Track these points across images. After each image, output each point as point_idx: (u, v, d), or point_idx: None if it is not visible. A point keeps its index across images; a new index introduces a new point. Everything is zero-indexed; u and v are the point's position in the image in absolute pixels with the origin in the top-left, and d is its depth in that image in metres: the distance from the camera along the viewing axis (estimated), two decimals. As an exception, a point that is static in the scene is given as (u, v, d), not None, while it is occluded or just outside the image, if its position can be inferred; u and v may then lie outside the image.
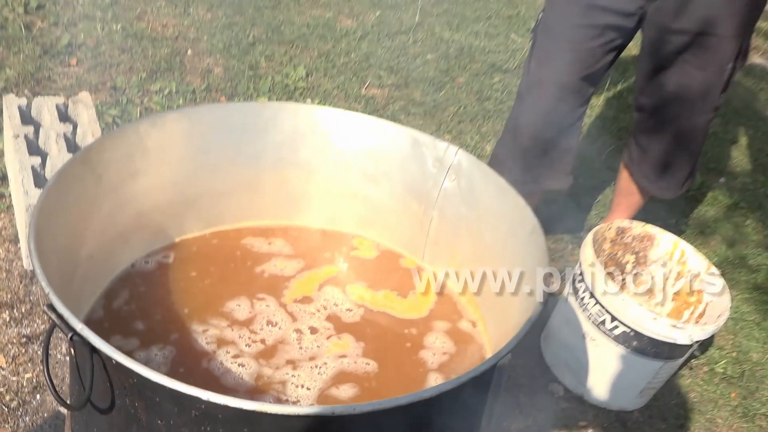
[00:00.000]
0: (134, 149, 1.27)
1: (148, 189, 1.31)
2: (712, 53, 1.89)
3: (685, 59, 1.91)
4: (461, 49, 3.32)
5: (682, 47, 1.89)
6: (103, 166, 1.22)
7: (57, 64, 2.67)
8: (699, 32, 1.85)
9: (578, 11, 1.90)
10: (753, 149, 3.17)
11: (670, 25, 1.87)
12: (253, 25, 3.15)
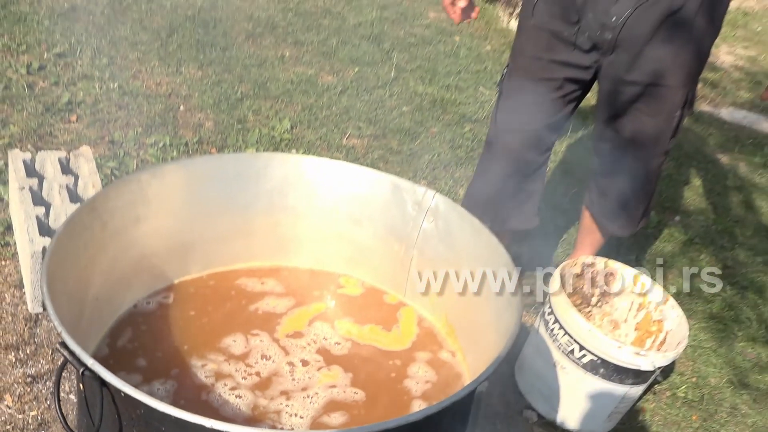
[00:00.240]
0: (136, 198, 1.29)
1: (149, 234, 1.33)
2: (661, 102, 1.94)
3: (638, 108, 1.96)
4: (434, 102, 3.37)
5: (634, 97, 1.94)
6: (108, 214, 1.24)
7: (58, 120, 2.68)
8: (649, 83, 1.91)
9: (540, 66, 1.96)
10: (704, 189, 3.22)
11: (623, 77, 1.92)
12: (240, 81, 3.18)
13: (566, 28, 1.89)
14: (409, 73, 3.54)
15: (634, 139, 2.00)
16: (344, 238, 1.49)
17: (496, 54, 3.90)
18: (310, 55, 3.50)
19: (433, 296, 1.43)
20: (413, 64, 3.62)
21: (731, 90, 4.38)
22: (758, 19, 5.59)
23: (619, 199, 2.15)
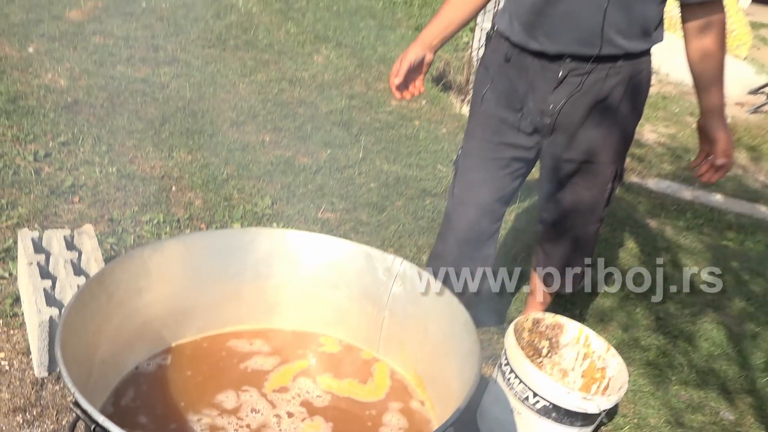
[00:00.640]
0: (139, 270, 1.31)
1: (150, 303, 1.35)
2: (595, 177, 2.01)
3: (575, 182, 2.02)
4: (398, 179, 3.43)
5: (572, 173, 2.01)
6: (114, 286, 1.26)
7: (62, 202, 2.68)
8: (584, 161, 1.98)
9: (490, 147, 2.02)
10: (636, 250, 3.30)
11: (561, 155, 1.99)
12: (226, 164, 3.22)
13: (511, 114, 1.96)
14: (376, 154, 3.61)
15: (573, 209, 2.06)
16: (323, 302, 1.51)
17: (450, 136, 3.99)
18: (288, 140, 3.56)
19: (403, 352, 1.45)
20: (379, 146, 3.69)
21: (656, 163, 4.52)
22: (676, 101, 5.81)
23: (563, 261, 2.20)
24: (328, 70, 4.34)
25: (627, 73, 1.88)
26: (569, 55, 1.84)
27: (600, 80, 1.87)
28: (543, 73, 1.88)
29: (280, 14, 4.85)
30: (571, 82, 1.87)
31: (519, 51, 1.90)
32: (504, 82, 1.95)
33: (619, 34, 1.81)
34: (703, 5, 1.82)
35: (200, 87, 3.81)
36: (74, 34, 3.98)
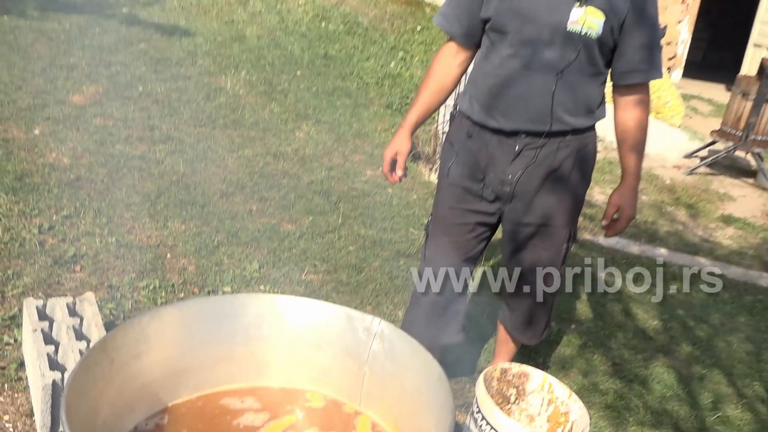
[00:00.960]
0: (139, 337, 1.31)
1: (148, 366, 1.34)
2: (551, 238, 2.06)
3: (534, 243, 2.07)
4: (374, 241, 3.45)
5: (530, 235, 2.06)
6: (115, 352, 1.25)
7: (65, 271, 2.66)
8: (541, 224, 2.03)
9: (456, 214, 2.07)
10: (591, 302, 3.33)
11: (520, 220, 2.04)
12: (217, 232, 3.22)
13: (474, 184, 2.02)
14: (353, 220, 3.64)
15: (533, 268, 2.10)
16: (309, 360, 1.51)
17: (420, 201, 4.04)
18: (273, 209, 3.58)
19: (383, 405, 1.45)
20: (356, 212, 3.72)
21: (605, 222, 4.60)
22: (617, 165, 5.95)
23: (526, 315, 2.22)
24: (309, 145, 4.40)
25: (575, 146, 1.95)
26: (524, 131, 1.91)
27: (552, 153, 1.93)
28: (501, 147, 1.95)
29: (265, 95, 4.93)
30: (526, 155, 1.93)
31: (479, 128, 1.97)
32: (467, 156, 2.01)
33: (566, 112, 1.89)
34: (631, 87, 1.92)
35: (193, 162, 3.83)
36: (77, 116, 4.00)
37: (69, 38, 4.96)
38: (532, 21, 1.81)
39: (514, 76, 1.87)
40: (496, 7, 1.84)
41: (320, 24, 6.44)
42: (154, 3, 6.11)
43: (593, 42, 1.82)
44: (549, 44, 1.81)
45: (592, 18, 1.79)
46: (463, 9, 1.94)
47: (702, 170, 6.05)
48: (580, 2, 1.79)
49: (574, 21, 1.79)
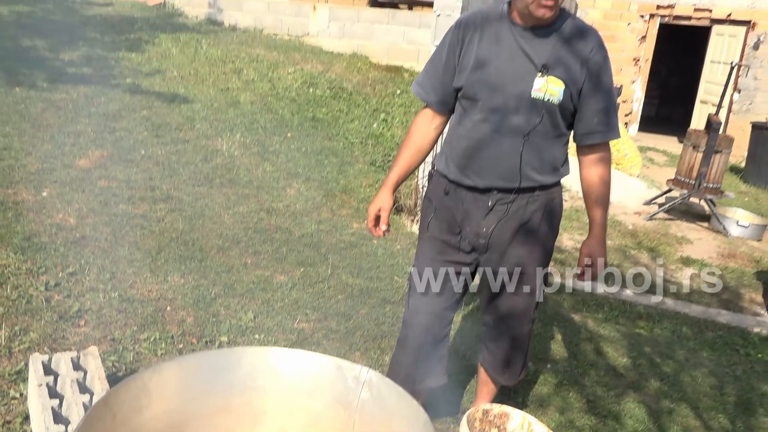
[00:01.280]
0: (140, 391, 1.28)
1: (149, 419, 1.31)
2: (525, 285, 2.07)
3: (509, 290, 2.08)
4: (361, 290, 3.44)
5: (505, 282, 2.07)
6: (117, 407, 1.23)
7: (69, 326, 2.61)
8: (515, 272, 2.04)
9: (437, 264, 2.08)
10: (565, 342, 3.32)
11: (496, 268, 2.05)
12: (214, 285, 3.20)
13: (452, 237, 2.03)
14: (342, 270, 3.63)
15: (509, 312, 2.11)
16: (302, 409, 1.48)
17: (404, 251, 4.05)
18: (266, 261, 3.56)
19: (372, 450, 1.43)
20: (344, 263, 3.71)
21: (574, 265, 4.61)
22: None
23: (504, 357, 2.21)
24: (299, 201, 4.42)
25: (543, 200, 1.98)
26: (496, 188, 1.94)
27: (522, 207, 1.96)
28: (476, 203, 1.97)
29: (258, 156, 4.97)
30: (498, 209, 1.96)
31: (455, 186, 2.00)
32: (445, 212, 2.03)
33: (533, 171, 1.92)
34: (592, 146, 1.97)
35: (191, 219, 3.83)
36: (82, 179, 4.00)
37: (76, 107, 4.99)
38: (499, 90, 1.86)
39: (485, 139, 1.91)
40: (467, 78, 1.90)
41: (308, 90, 6.55)
42: (155, 74, 6.19)
43: (555, 107, 1.87)
44: (516, 110, 1.86)
45: (553, 86, 1.85)
46: (437, 79, 2.00)
47: (661, 216, 6.13)
48: (542, 72, 1.85)
49: (537, 89, 1.85)
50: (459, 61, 1.94)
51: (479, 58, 1.89)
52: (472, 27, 1.92)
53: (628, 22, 9.45)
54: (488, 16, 1.92)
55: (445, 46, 1.98)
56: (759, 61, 8.89)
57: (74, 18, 7.60)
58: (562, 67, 1.85)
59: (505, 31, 1.88)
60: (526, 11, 1.82)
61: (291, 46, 8.02)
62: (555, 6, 1.80)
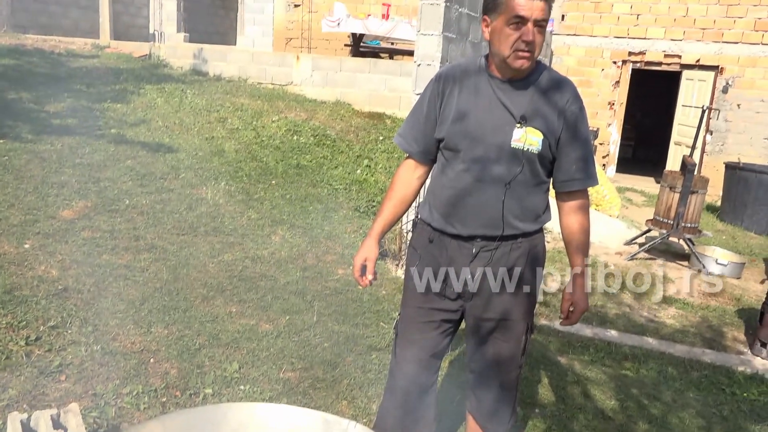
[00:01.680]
0: (123, 452, 1.25)
1: (131, 482, 1.27)
2: (511, 332, 2.06)
3: (495, 336, 2.07)
4: (347, 337, 3.40)
5: (491, 329, 2.06)
6: (99, 470, 1.19)
7: (50, 381, 2.54)
8: (500, 319, 2.04)
9: (422, 313, 2.07)
10: (552, 385, 3.30)
11: (481, 315, 2.05)
12: (198, 335, 3.15)
13: (437, 285, 2.03)
14: (327, 317, 3.59)
15: (496, 359, 2.09)
16: (288, 464, 1.45)
17: (389, 296, 4.03)
18: (252, 310, 3.52)
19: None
20: (330, 310, 3.68)
21: (558, 307, 4.61)
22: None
23: (492, 404, 2.18)
24: (284, 248, 4.40)
25: (526, 247, 2.00)
26: (479, 236, 1.96)
27: (506, 254, 1.97)
28: (460, 250, 1.98)
29: (243, 203, 4.96)
30: (483, 256, 1.97)
31: (439, 234, 2.01)
32: (429, 260, 2.04)
33: (515, 218, 1.94)
34: (571, 193, 2.00)
35: (175, 269, 3.79)
36: (66, 230, 3.95)
37: (61, 158, 4.97)
38: (480, 141, 1.90)
39: (468, 188, 1.93)
40: (448, 129, 1.94)
41: (292, 137, 6.60)
42: (140, 123, 6.21)
43: (535, 156, 1.90)
44: (497, 160, 1.90)
45: (532, 136, 1.89)
46: (419, 131, 2.03)
47: (641, 255, 6.18)
48: (521, 123, 1.89)
49: (516, 139, 1.89)
50: (440, 112, 1.98)
51: (459, 110, 1.93)
52: (451, 80, 1.97)
53: (601, 68, 9.72)
54: (467, 70, 1.97)
55: (425, 99, 2.03)
56: (729, 104, 9.15)
57: (60, 70, 7.64)
58: (540, 118, 1.89)
59: (483, 83, 1.93)
60: (503, 64, 1.87)
61: (275, 95, 8.12)
62: (532, 57, 1.85)
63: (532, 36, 1.81)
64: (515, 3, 1.80)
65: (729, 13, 8.92)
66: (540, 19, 1.81)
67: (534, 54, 1.85)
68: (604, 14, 9.52)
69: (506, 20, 1.82)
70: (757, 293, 5.39)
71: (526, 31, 1.81)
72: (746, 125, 9.11)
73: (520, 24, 1.81)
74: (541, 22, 1.82)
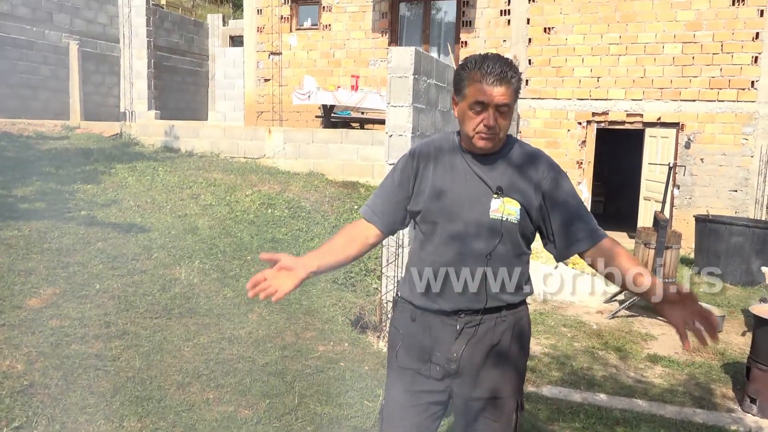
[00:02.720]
0: None
1: None
2: (501, 410, 1.99)
3: (485, 416, 1.99)
4: (331, 419, 3.26)
5: (480, 408, 1.99)
6: None
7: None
8: (489, 397, 1.97)
9: (408, 396, 1.99)
10: (546, 458, 3.19)
11: (469, 395, 1.98)
12: (173, 426, 3.00)
13: (422, 365, 1.97)
14: (309, 398, 3.47)
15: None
16: None
17: (372, 372, 3.92)
18: (230, 395, 3.38)
19: None
20: (311, 390, 3.56)
21: (545, 372, 4.54)
22: (550, 316, 6.03)
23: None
24: (262, 326, 4.29)
25: (511, 321, 1.96)
26: (463, 310, 1.91)
27: (491, 328, 1.93)
28: (444, 327, 1.93)
29: (218, 282, 4.87)
30: (467, 332, 1.92)
31: (422, 312, 1.97)
32: (413, 339, 1.98)
33: (498, 290, 1.92)
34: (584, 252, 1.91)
35: (149, 355, 3.65)
36: (33, 320, 3.81)
37: (28, 243, 4.85)
38: (458, 215, 1.89)
39: (449, 262, 1.91)
40: (425, 204, 1.94)
41: (267, 211, 6.57)
42: (111, 204, 6.14)
43: (514, 227, 1.90)
44: (476, 233, 1.88)
45: (510, 206, 1.89)
46: (387, 205, 2.02)
47: (622, 313, 6.17)
48: (498, 194, 1.88)
49: (494, 210, 1.88)
50: (414, 187, 1.99)
51: (436, 187, 1.93)
52: (425, 157, 1.98)
53: (567, 128, 9.99)
54: (441, 147, 1.99)
55: (397, 173, 2.03)
56: (692, 159, 9.42)
57: (29, 153, 7.58)
58: (516, 190, 1.90)
59: (458, 159, 1.95)
60: (469, 143, 1.90)
61: (248, 169, 8.14)
62: (494, 138, 1.87)
63: (493, 121, 1.85)
64: (475, 89, 1.84)
65: (684, 73, 9.32)
66: (501, 104, 1.84)
67: (497, 136, 1.88)
68: (566, 78, 9.87)
69: (468, 104, 1.87)
70: (740, 346, 5.38)
71: (487, 116, 1.84)
72: (711, 178, 9.36)
73: (481, 110, 1.85)
74: (503, 107, 1.84)
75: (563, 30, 9.80)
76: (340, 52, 11.12)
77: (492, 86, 1.82)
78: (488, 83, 1.82)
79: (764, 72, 8.97)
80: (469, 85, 1.86)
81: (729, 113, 9.19)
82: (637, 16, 9.44)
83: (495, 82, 1.82)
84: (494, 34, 10.20)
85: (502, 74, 1.83)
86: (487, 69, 1.83)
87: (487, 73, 1.83)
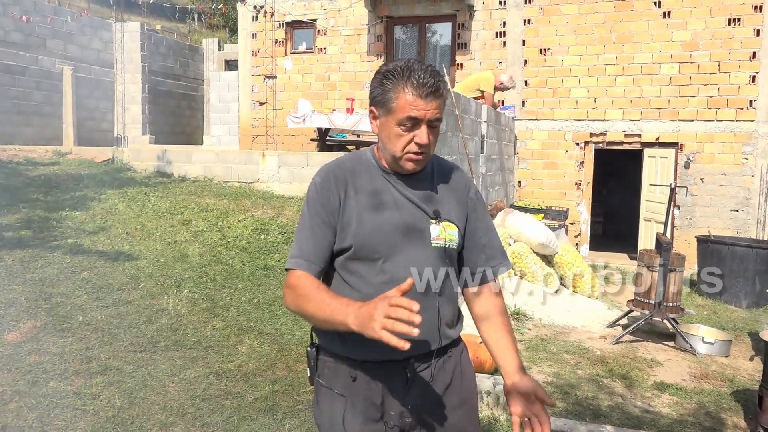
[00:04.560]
0: None
1: None
2: None
3: None
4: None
5: None
6: None
7: None
8: None
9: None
10: (552, 500, 2.99)
11: None
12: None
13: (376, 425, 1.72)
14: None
15: None
16: None
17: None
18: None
19: None
20: (303, 428, 3.36)
21: (549, 403, 4.35)
22: (552, 342, 5.84)
23: None
24: (252, 359, 4.10)
25: (456, 356, 1.84)
26: (413, 356, 1.70)
27: (440, 369, 1.78)
28: (392, 379, 1.71)
29: (207, 312, 4.69)
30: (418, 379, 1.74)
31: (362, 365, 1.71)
32: (359, 400, 1.72)
33: (447, 326, 1.79)
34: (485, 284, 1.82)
35: (131, 392, 3.46)
36: (10, 355, 3.62)
37: (10, 274, 4.68)
38: (398, 247, 1.67)
39: None
40: (355, 239, 1.66)
41: (259, 237, 6.41)
42: (99, 231, 5.97)
43: (455, 252, 1.77)
44: (423, 265, 1.69)
45: (449, 231, 1.75)
46: (319, 246, 1.69)
47: (626, 338, 5.98)
48: (436, 219, 1.73)
49: (435, 237, 1.72)
50: (339, 219, 1.69)
51: (362, 217, 1.67)
52: (342, 182, 1.71)
53: (565, 149, 9.89)
54: (355, 169, 1.74)
55: (318, 208, 1.71)
56: (692, 179, 9.31)
57: (17, 180, 7.44)
58: (450, 212, 1.75)
59: (379, 183, 1.72)
60: (395, 164, 1.71)
61: (241, 193, 7.99)
62: (425, 158, 1.69)
63: (426, 138, 1.64)
64: (407, 103, 1.60)
65: (682, 93, 9.25)
66: (434, 119, 1.64)
67: (428, 155, 1.69)
68: (563, 99, 9.79)
69: (397, 121, 1.63)
70: (749, 372, 5.19)
71: (420, 134, 1.63)
72: (711, 198, 9.24)
73: (413, 126, 1.63)
74: (435, 122, 1.65)
75: (559, 51, 9.75)
76: (335, 75, 11.07)
77: (426, 100, 1.60)
78: (421, 96, 1.60)
79: (762, 91, 8.90)
80: (396, 98, 1.61)
81: (728, 133, 9.10)
82: (633, 37, 9.40)
83: (429, 95, 1.60)
84: (490, 56, 10.15)
85: (435, 85, 1.61)
86: (418, 80, 1.59)
87: (420, 84, 1.60)
